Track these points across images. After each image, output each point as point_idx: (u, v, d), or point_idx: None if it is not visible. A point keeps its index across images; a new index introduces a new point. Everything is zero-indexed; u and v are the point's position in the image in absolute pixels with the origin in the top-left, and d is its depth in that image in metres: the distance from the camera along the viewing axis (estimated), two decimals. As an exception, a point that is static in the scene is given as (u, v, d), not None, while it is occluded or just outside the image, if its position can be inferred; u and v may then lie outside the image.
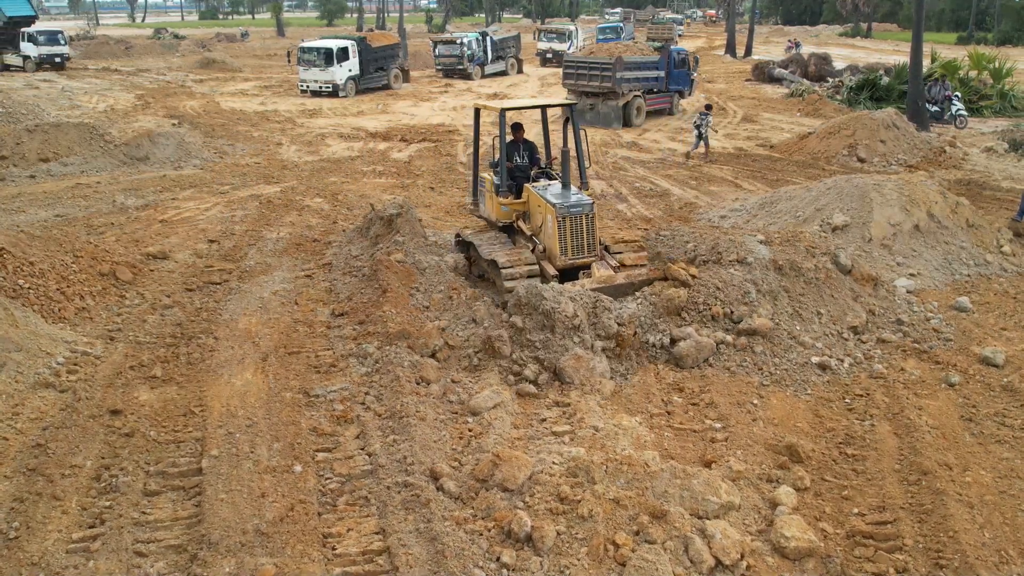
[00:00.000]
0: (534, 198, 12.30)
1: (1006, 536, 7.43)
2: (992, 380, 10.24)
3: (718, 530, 7.08)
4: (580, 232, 11.72)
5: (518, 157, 13.39)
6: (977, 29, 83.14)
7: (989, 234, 14.80)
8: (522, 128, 13.67)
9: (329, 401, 9.60)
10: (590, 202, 11.84)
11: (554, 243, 11.72)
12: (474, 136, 14.22)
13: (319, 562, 7.00)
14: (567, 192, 12.05)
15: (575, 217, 11.63)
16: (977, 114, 32.58)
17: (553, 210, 11.57)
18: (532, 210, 12.45)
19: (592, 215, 11.76)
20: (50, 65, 48.90)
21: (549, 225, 11.76)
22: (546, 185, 12.50)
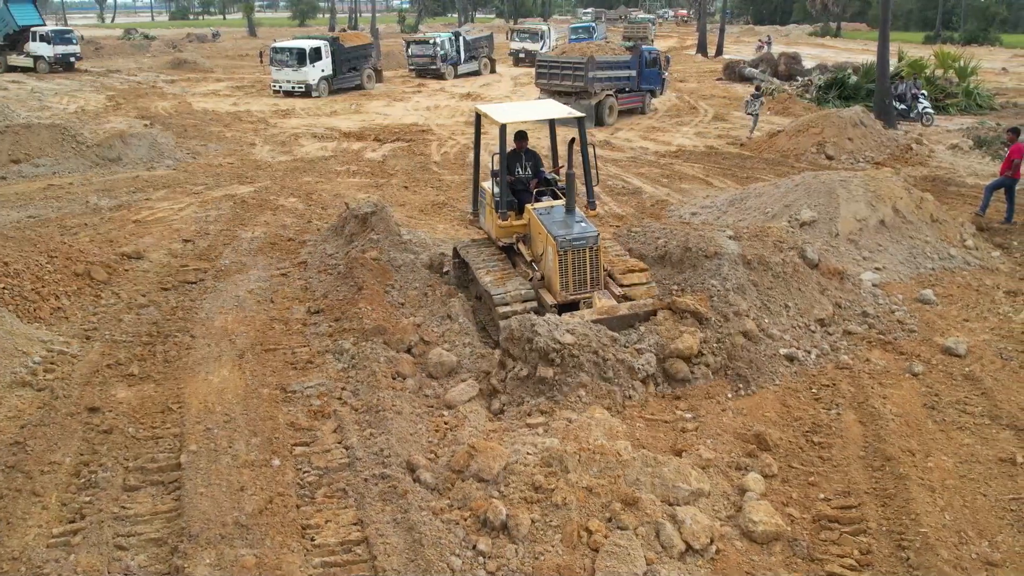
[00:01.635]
0: (535, 224, 11.26)
1: (966, 518, 7.69)
2: (954, 369, 10.55)
3: (688, 516, 7.29)
4: (583, 266, 10.72)
5: (520, 168, 12.33)
6: (944, 28, 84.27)
7: (953, 228, 15.15)
8: (526, 137, 12.41)
9: (306, 396, 9.73)
10: (594, 233, 10.77)
11: (554, 276, 10.74)
12: (475, 142, 13.23)
13: (299, 552, 7.14)
14: (571, 219, 11.01)
15: (578, 251, 10.64)
16: (943, 112, 33.14)
17: (554, 242, 10.59)
18: (533, 235, 11.48)
19: (596, 248, 10.75)
20: (62, 66, 48.12)
21: (550, 257, 10.79)
22: (549, 208, 11.41)
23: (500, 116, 11.73)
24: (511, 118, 11.74)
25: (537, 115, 12.61)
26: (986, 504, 7.92)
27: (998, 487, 8.18)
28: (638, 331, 10.41)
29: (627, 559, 6.81)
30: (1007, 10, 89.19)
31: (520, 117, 12.03)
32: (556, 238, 10.59)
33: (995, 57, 59.89)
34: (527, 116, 12.31)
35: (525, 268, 11.56)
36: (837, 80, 35.94)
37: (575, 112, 11.98)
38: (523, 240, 11.81)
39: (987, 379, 10.25)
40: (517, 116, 11.95)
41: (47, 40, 47.47)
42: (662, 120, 32.89)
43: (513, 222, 11.78)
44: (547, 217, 11.13)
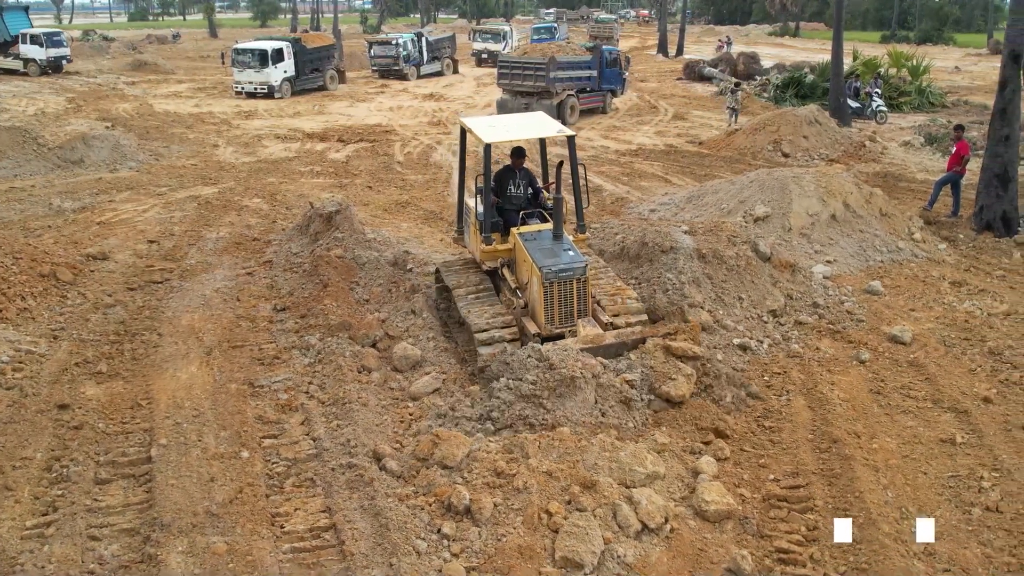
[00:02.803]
0: (520, 250, 10.58)
1: (907, 495, 8.12)
2: (900, 356, 11.01)
3: (644, 497, 7.62)
4: (569, 298, 10.05)
5: (513, 187, 11.58)
6: (900, 28, 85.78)
7: (901, 222, 15.66)
8: (524, 154, 11.62)
9: (273, 391, 9.95)
10: (583, 264, 10.07)
11: (539, 307, 10.08)
12: (460, 155, 12.60)
13: (269, 539, 7.38)
14: (558, 247, 10.32)
15: (564, 282, 9.97)
16: (897, 110, 33.89)
17: (539, 273, 9.90)
18: (518, 262, 10.83)
19: (584, 279, 10.08)
20: (52, 69, 47.38)
21: (535, 287, 10.13)
22: (535, 233, 10.75)
23: (486, 134, 10.96)
24: (498, 136, 11.05)
25: (525, 133, 11.90)
26: (927, 482, 8.36)
27: (938, 466, 8.62)
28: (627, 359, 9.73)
29: (586, 538, 7.13)
30: (960, 10, 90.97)
31: (508, 135, 11.32)
32: (541, 268, 9.91)
33: (948, 56, 61.15)
34: (515, 134, 11.58)
35: (509, 295, 10.96)
36: (794, 79, 36.63)
37: (566, 130, 11.28)
38: (508, 265, 11.21)
39: (931, 365, 10.72)
40: (504, 134, 11.24)
41: (39, 43, 46.89)
42: (623, 119, 33.33)
43: (498, 247, 11.12)
44: (533, 244, 10.46)
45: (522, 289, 10.72)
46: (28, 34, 47.09)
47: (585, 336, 9.84)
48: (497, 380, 9.28)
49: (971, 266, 14.55)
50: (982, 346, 11.29)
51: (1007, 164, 15.81)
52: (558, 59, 31.50)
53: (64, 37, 49.93)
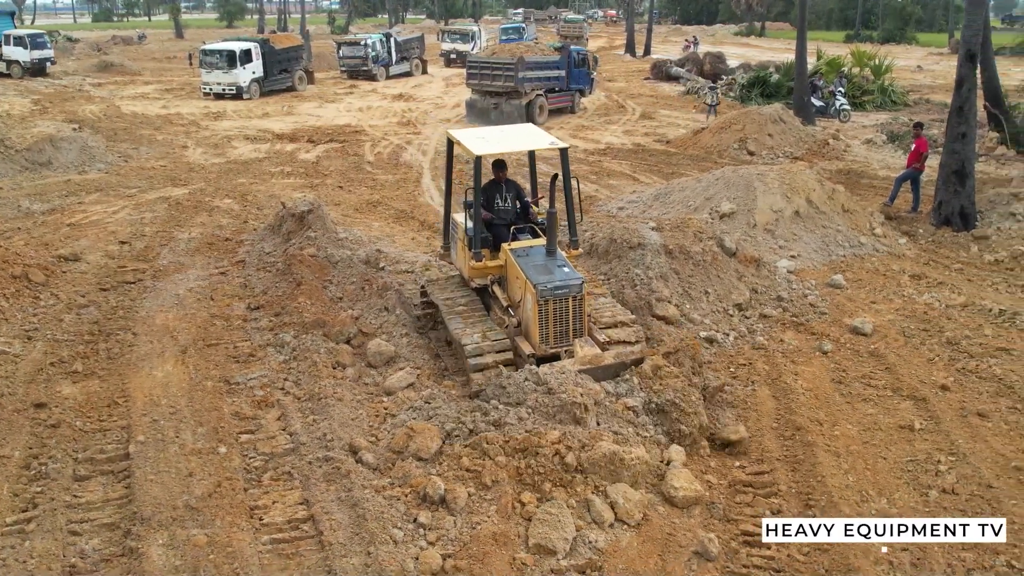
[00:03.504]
0: (512, 267, 10.15)
1: (867, 479, 8.42)
2: (861, 347, 11.35)
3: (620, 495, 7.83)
4: (565, 316, 9.66)
5: (500, 200, 11.15)
6: (863, 28, 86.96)
7: (863, 218, 16.05)
8: (506, 166, 11.21)
9: (249, 388, 10.09)
10: (579, 281, 9.73)
11: (534, 326, 9.70)
12: (446, 168, 12.07)
13: (248, 531, 7.53)
14: (552, 263, 9.93)
15: (560, 300, 9.59)
16: (860, 108, 34.46)
17: (534, 291, 9.54)
18: (510, 279, 10.40)
19: (581, 296, 9.72)
20: (36, 71, 46.60)
21: (528, 305, 9.74)
22: (527, 249, 10.31)
23: (475, 146, 10.48)
24: (488, 148, 10.55)
25: (516, 146, 11.39)
26: (886, 466, 8.67)
27: (897, 451, 8.94)
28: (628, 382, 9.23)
29: (558, 526, 7.35)
30: (922, 10, 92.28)
31: (498, 148, 10.83)
32: (536, 286, 9.53)
33: (911, 55, 62.16)
34: (505, 147, 11.11)
35: (500, 314, 10.52)
36: (759, 79, 37.14)
37: (559, 142, 10.77)
38: (498, 282, 10.78)
39: (890, 355, 11.07)
40: (494, 146, 10.76)
41: (23, 44, 46.31)
42: (591, 119, 33.63)
43: (488, 263, 10.66)
44: (526, 260, 10.03)
45: (514, 307, 10.25)
46: (11, 35, 46.56)
47: (583, 356, 9.40)
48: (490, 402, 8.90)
49: (930, 260, 14.97)
50: (940, 336, 11.66)
51: (964, 160, 16.24)
52: (527, 59, 31.74)
53: (47, 40, 49.35)
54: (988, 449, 8.94)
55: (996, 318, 12.29)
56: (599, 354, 9.49)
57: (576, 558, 7.24)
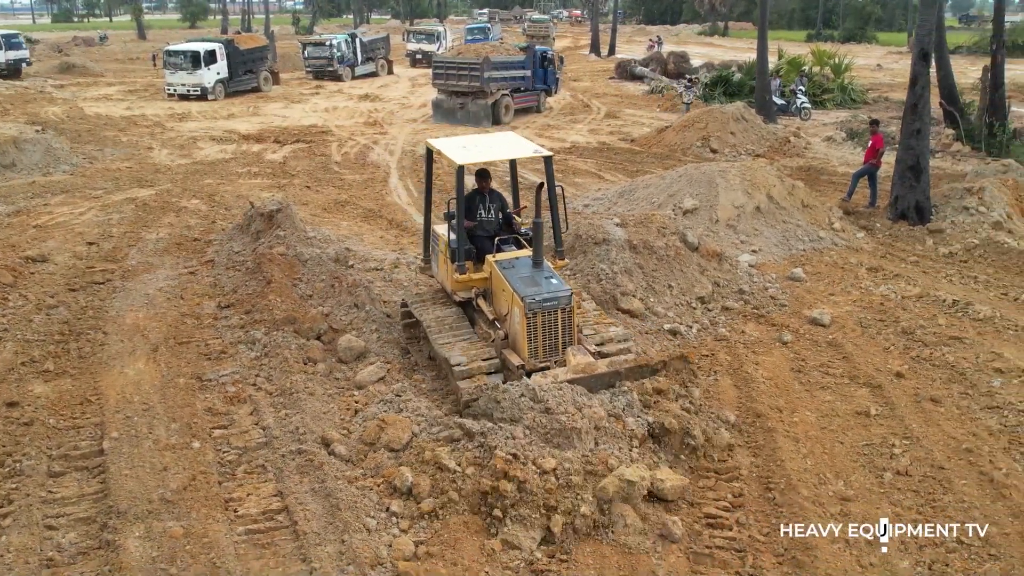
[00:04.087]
0: (498, 279, 9.84)
1: (825, 462, 8.74)
2: (819, 337, 11.70)
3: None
4: (554, 330, 9.38)
5: (483, 211, 10.77)
6: (824, 27, 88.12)
7: (822, 213, 16.45)
8: (489, 176, 10.94)
9: (221, 384, 10.23)
10: (568, 292, 9.45)
11: (522, 340, 9.37)
12: (426, 178, 11.72)
13: (223, 523, 7.69)
14: (539, 275, 9.64)
15: (549, 313, 9.31)
16: (820, 107, 35.06)
17: (522, 304, 9.23)
18: (496, 291, 10.05)
19: (570, 308, 9.43)
20: (8, 72, 45.79)
21: (516, 318, 9.43)
22: (513, 261, 10.01)
23: (458, 155, 10.13)
24: (470, 157, 10.22)
25: (499, 154, 10.85)
26: (843, 450, 8.99)
27: (854, 436, 9.27)
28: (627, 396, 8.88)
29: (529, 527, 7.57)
30: (882, 10, 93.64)
31: (480, 156, 10.51)
32: (524, 298, 9.23)
33: (871, 54, 63.11)
34: (488, 155, 10.70)
35: (486, 328, 10.16)
36: (722, 78, 37.62)
37: (542, 151, 10.42)
38: (483, 295, 10.44)
39: (848, 345, 11.42)
40: (477, 155, 10.43)
41: None
42: (557, 118, 33.91)
43: (472, 276, 10.34)
44: (512, 272, 9.73)
45: (500, 320, 9.91)
46: None
47: (576, 365, 9.08)
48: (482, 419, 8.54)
49: (887, 253, 15.39)
50: (896, 326, 12.04)
51: (919, 156, 16.68)
52: (492, 59, 31.96)
53: (22, 40, 48.69)
54: (940, 433, 9.29)
55: (949, 308, 12.69)
56: (592, 362, 9.16)
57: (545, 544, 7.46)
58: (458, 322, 10.50)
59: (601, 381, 8.95)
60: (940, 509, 8.01)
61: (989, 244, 15.12)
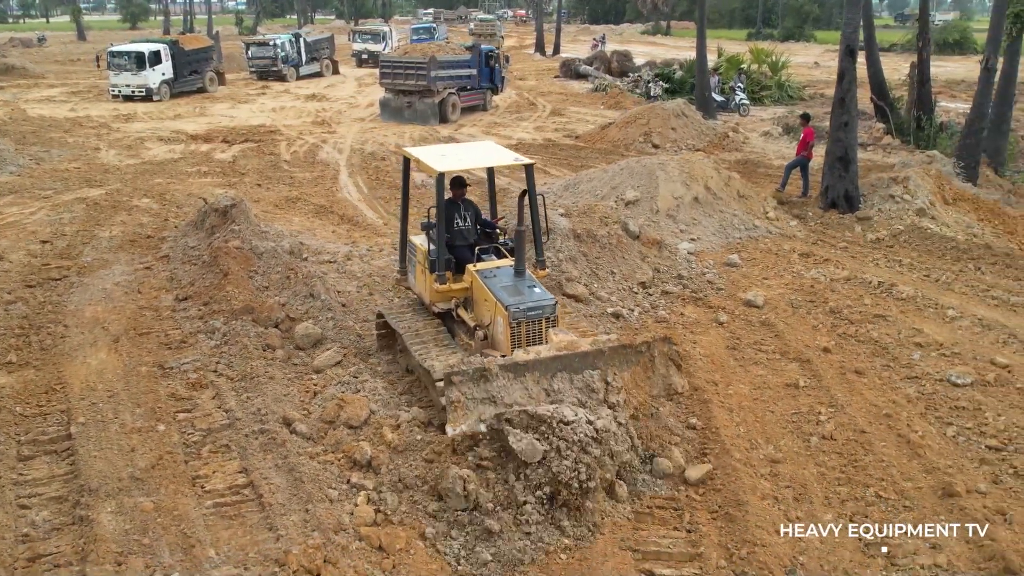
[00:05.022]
0: (480, 289, 9.73)
1: (757, 430, 9.42)
2: (753, 317, 12.42)
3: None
4: (539, 336, 9.32)
5: (459, 220, 10.58)
6: (764, 26, 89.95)
7: (757, 203, 17.23)
8: (465, 185, 10.80)
9: (183, 371, 10.60)
10: (551, 302, 9.41)
11: (506, 344, 9.27)
12: (403, 187, 11.39)
13: (192, 497, 8.11)
14: (521, 283, 9.56)
15: (533, 322, 9.26)
16: (759, 103, 36.07)
17: (506, 313, 9.15)
18: (477, 300, 9.92)
19: (554, 318, 9.47)
20: None
21: (500, 328, 9.35)
22: (494, 270, 9.87)
23: (437, 163, 10.00)
24: (450, 166, 10.10)
25: (479, 162, 11.01)
26: (773, 418, 9.69)
27: (783, 406, 9.97)
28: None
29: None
30: (820, 9, 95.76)
31: (460, 164, 10.52)
32: (508, 307, 9.16)
33: (809, 52, 64.63)
34: (468, 163, 10.85)
35: (467, 339, 10.00)
36: (664, 76, 38.48)
37: (523, 159, 10.44)
38: (463, 305, 10.26)
39: (779, 324, 12.15)
40: (456, 163, 10.40)
41: None
42: (503, 116, 34.47)
43: (452, 286, 10.11)
44: (494, 281, 9.62)
45: (482, 325, 9.76)
46: None
47: (559, 343, 9.13)
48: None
49: (818, 240, 16.21)
50: (824, 306, 12.81)
51: (847, 147, 17.53)
52: (438, 58, 32.39)
53: None
54: (863, 401, 10.03)
55: (875, 289, 13.49)
56: (575, 341, 9.17)
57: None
58: (437, 332, 10.29)
59: (585, 361, 8.85)
60: (861, 468, 8.73)
61: (913, 230, 16.00)
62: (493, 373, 8.47)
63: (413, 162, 10.82)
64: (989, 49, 19.29)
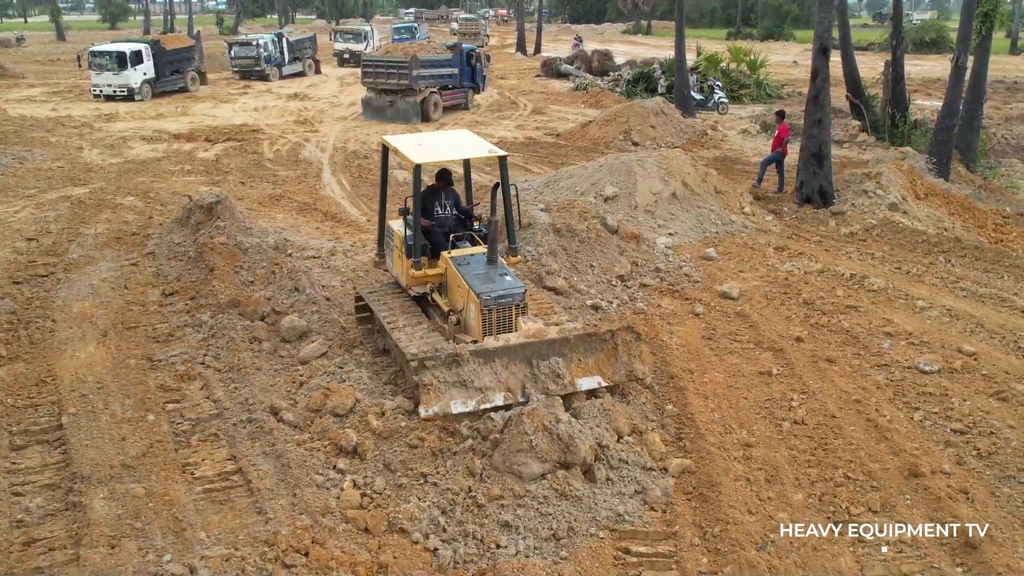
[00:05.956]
0: (454, 276, 10.11)
1: (731, 416, 9.72)
2: (728, 309, 12.74)
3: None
4: (509, 322, 9.69)
5: (439, 208, 10.98)
6: (744, 25, 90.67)
7: (734, 198, 17.57)
8: (450, 179, 11.21)
9: (171, 363, 10.82)
10: (522, 290, 9.76)
11: (478, 330, 9.66)
12: (381, 175, 11.72)
13: (182, 484, 8.34)
14: (493, 271, 9.93)
15: (503, 309, 9.63)
16: (737, 101, 36.51)
17: (478, 300, 9.53)
18: (451, 287, 10.31)
19: (524, 305, 9.83)
20: None
21: (472, 314, 9.76)
22: (468, 258, 10.25)
23: (415, 154, 10.42)
24: (427, 156, 10.50)
25: (455, 153, 11.21)
26: (747, 405, 10.00)
27: (757, 393, 10.28)
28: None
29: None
30: (798, 8, 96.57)
31: (436, 156, 10.82)
32: (480, 295, 9.53)
33: (788, 51, 65.30)
34: (444, 155, 11.04)
35: (441, 322, 10.43)
36: (644, 75, 38.88)
37: (497, 150, 10.72)
38: (438, 289, 10.72)
39: (754, 315, 12.48)
40: (433, 154, 10.74)
41: None
42: (484, 115, 34.73)
43: (427, 271, 10.48)
44: (467, 269, 10.00)
45: (455, 311, 10.19)
46: None
47: (527, 331, 9.44)
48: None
49: (793, 234, 16.56)
50: (798, 298, 13.14)
51: (821, 144, 17.91)
52: (420, 58, 32.63)
53: None
54: (833, 388, 10.36)
55: (847, 281, 13.84)
56: (543, 328, 9.52)
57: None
58: (412, 314, 10.67)
59: (551, 348, 9.24)
60: (831, 451, 9.03)
61: (886, 224, 16.38)
62: (464, 359, 8.89)
63: (392, 151, 11.19)
64: (959, 48, 19.69)
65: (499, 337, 9.40)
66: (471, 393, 8.89)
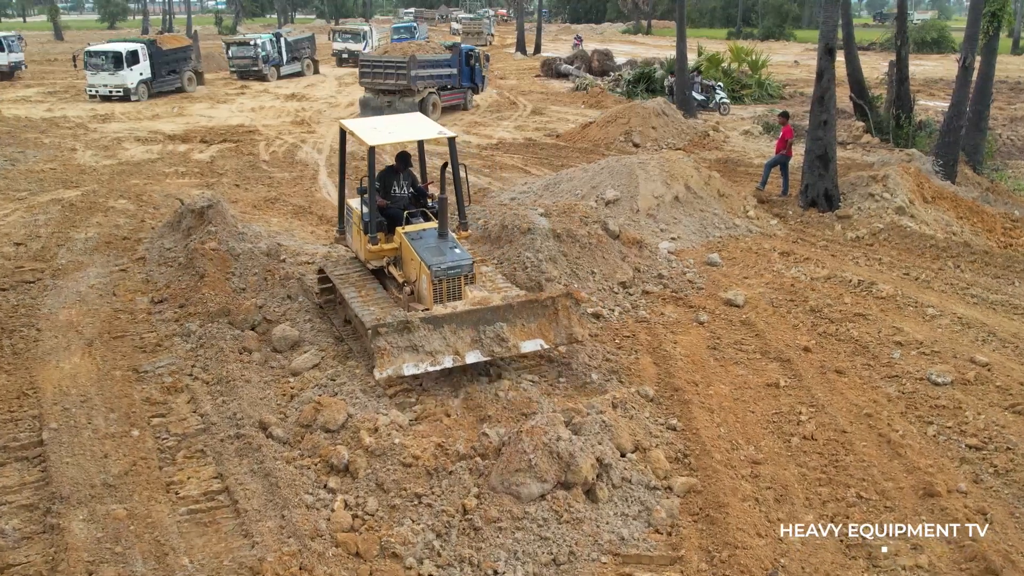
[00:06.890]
0: (407, 249, 10.79)
1: (737, 430, 9.36)
2: (733, 317, 12.38)
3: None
4: (458, 291, 10.43)
5: (396, 188, 11.70)
6: (745, 25, 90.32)
7: (737, 201, 17.21)
8: (409, 161, 11.92)
9: (158, 375, 10.47)
10: (469, 261, 10.53)
11: (429, 299, 10.35)
12: (340, 157, 12.38)
13: (166, 504, 7.99)
14: (444, 245, 10.66)
15: (453, 279, 10.36)
16: (739, 102, 36.14)
17: (428, 271, 10.24)
18: (405, 259, 11.01)
19: (472, 275, 10.59)
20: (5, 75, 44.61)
21: (424, 284, 10.44)
22: (420, 232, 10.95)
23: (369, 136, 11.07)
24: (380, 139, 11.17)
25: (407, 135, 11.92)
26: (754, 419, 9.63)
27: (764, 406, 9.92)
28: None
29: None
30: (799, 8, 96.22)
31: (390, 138, 11.46)
32: (431, 267, 10.24)
33: (789, 51, 64.99)
34: (397, 137, 11.69)
35: (396, 293, 11.07)
36: (644, 75, 38.51)
37: (447, 132, 11.51)
38: (394, 263, 11.43)
39: (760, 323, 12.11)
40: (387, 137, 11.40)
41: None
42: (483, 115, 34.37)
43: (384, 246, 11.20)
44: (420, 243, 10.71)
45: (410, 282, 10.81)
46: None
47: (473, 299, 10.29)
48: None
49: (798, 238, 16.19)
50: (805, 305, 12.78)
51: (827, 146, 17.54)
52: (419, 58, 32.28)
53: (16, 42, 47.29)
54: (843, 400, 10.00)
55: (855, 288, 13.48)
56: (487, 296, 10.41)
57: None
58: (370, 285, 11.39)
59: (496, 314, 10.07)
60: (843, 468, 8.68)
61: (893, 228, 16.02)
62: (415, 325, 9.66)
63: (348, 133, 11.87)
64: (966, 48, 19.34)
65: (448, 305, 10.23)
66: (422, 356, 9.66)
